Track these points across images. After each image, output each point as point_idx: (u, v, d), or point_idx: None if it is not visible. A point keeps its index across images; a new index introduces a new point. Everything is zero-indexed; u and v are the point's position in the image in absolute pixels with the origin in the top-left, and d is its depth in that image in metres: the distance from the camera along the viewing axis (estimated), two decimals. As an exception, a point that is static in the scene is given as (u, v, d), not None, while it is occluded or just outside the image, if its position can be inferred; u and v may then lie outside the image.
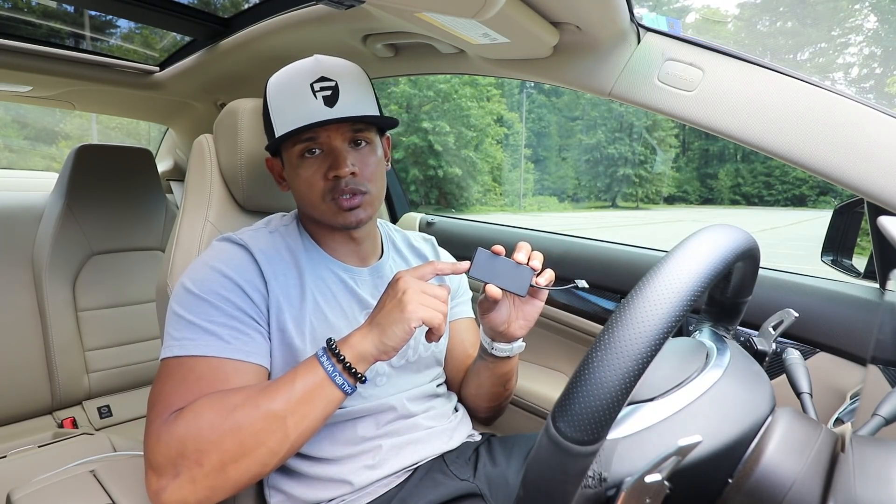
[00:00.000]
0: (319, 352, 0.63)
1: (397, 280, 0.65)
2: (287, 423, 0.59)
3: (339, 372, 0.61)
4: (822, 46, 37.40)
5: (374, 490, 0.74)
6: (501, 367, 0.82)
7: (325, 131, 0.73)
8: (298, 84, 0.73)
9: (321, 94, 0.72)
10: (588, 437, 0.35)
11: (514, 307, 0.74)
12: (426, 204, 18.25)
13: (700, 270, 0.39)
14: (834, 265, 1.03)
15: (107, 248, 1.65)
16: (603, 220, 19.76)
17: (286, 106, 0.74)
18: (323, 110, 0.72)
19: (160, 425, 0.60)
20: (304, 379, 0.61)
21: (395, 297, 0.63)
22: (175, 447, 0.58)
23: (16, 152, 9.92)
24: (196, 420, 0.59)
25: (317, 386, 0.61)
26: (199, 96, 1.69)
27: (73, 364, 1.56)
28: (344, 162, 0.72)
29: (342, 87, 0.73)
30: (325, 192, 0.74)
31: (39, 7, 1.36)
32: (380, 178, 0.79)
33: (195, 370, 0.64)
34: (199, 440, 0.58)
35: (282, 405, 0.59)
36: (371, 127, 0.77)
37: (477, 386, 0.88)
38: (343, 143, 0.74)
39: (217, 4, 1.37)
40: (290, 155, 0.76)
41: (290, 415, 0.59)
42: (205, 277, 0.69)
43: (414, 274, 0.65)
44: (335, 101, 0.72)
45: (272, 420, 0.59)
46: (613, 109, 27.32)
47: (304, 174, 0.75)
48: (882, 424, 0.48)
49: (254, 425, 0.58)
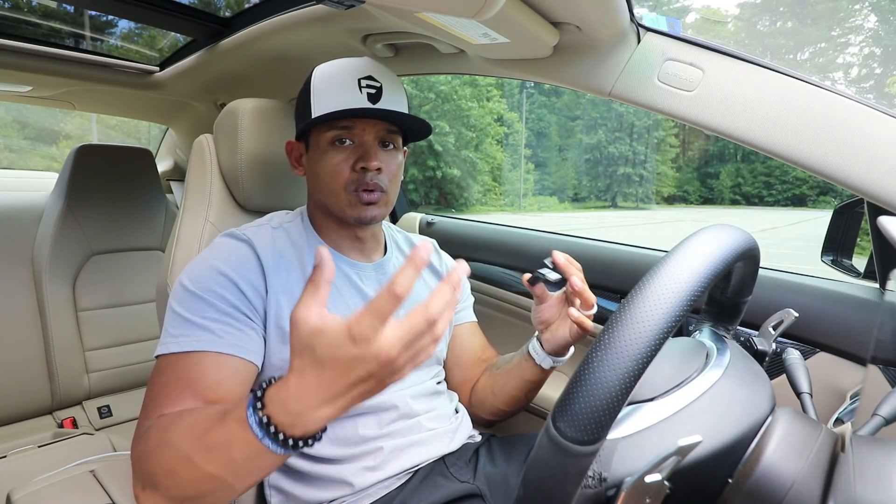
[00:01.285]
0: (256, 430, 0.46)
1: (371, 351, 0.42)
2: (232, 484, 0.51)
3: (290, 448, 0.47)
4: (822, 46, 37.41)
5: (375, 492, 0.74)
6: (531, 373, 0.82)
7: (361, 123, 0.76)
8: (347, 76, 0.76)
9: (366, 90, 0.75)
10: (588, 437, 0.35)
11: (559, 319, 0.78)
12: (426, 204, 18.25)
13: (700, 270, 0.39)
14: (834, 265, 1.03)
15: (107, 248, 1.65)
16: (603, 220, 19.76)
17: (331, 92, 0.76)
18: (365, 104, 0.75)
19: (140, 429, 0.61)
20: (244, 452, 0.48)
21: (377, 374, 0.44)
22: (139, 461, 0.57)
23: (16, 152, 9.93)
24: (147, 445, 0.56)
25: (259, 457, 0.48)
26: (199, 96, 1.69)
27: (73, 364, 1.56)
28: (375, 156, 0.75)
29: (386, 90, 0.77)
30: (348, 182, 0.76)
31: (39, 7, 1.36)
32: (398, 182, 0.82)
33: (177, 369, 0.64)
34: (149, 465, 0.55)
35: (221, 471, 0.50)
36: (399, 134, 0.80)
37: (503, 384, 0.87)
38: (374, 139, 0.77)
39: (217, 4, 1.37)
40: (319, 140, 0.77)
41: (233, 478, 0.50)
42: (202, 275, 0.70)
43: (396, 339, 0.43)
44: (378, 100, 0.76)
45: (213, 481, 0.50)
46: (614, 109, 27.33)
47: (331, 161, 0.76)
48: (882, 424, 0.48)
49: (195, 482, 0.51)
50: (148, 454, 0.55)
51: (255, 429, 0.46)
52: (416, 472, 0.78)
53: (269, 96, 1.01)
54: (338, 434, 0.75)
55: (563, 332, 0.77)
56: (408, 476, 0.77)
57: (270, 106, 0.95)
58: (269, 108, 0.95)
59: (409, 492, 0.75)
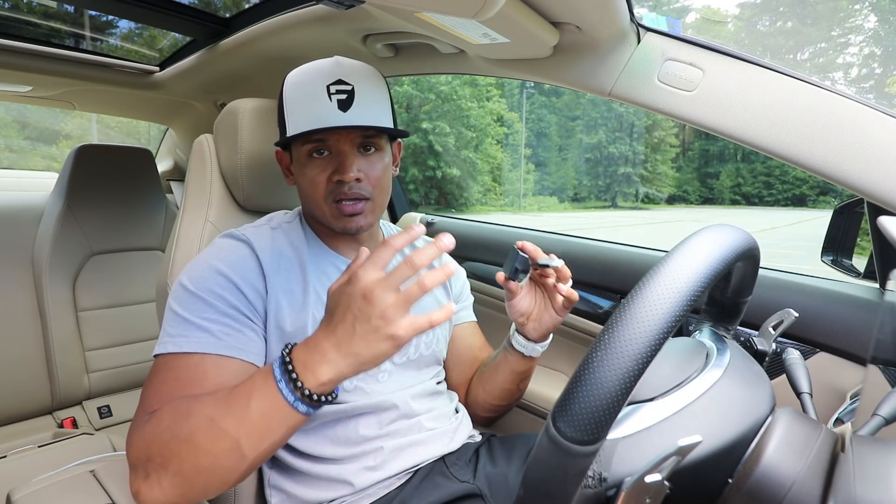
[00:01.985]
0: (276, 370, 0.53)
1: (355, 282, 0.51)
2: (242, 445, 0.53)
3: (301, 400, 0.53)
4: (822, 46, 37.41)
5: (375, 492, 0.74)
6: (518, 364, 0.85)
7: (334, 135, 0.73)
8: (315, 84, 0.73)
9: (336, 97, 0.72)
10: (588, 437, 0.35)
11: (536, 306, 0.81)
12: (426, 204, 18.26)
13: (700, 270, 0.39)
14: (834, 265, 1.03)
15: (107, 248, 1.65)
16: (603, 220, 19.76)
17: (300, 105, 0.74)
18: (335, 114, 0.72)
19: (135, 426, 0.61)
20: (260, 400, 0.53)
21: (364, 312, 0.50)
22: (143, 450, 0.57)
23: (16, 152, 9.93)
24: (158, 425, 0.57)
25: (274, 409, 0.53)
26: (199, 96, 1.69)
27: (73, 364, 1.56)
28: (350, 167, 0.73)
29: (358, 93, 0.73)
30: (327, 193, 0.75)
31: (40, 7, 1.36)
32: (385, 185, 0.79)
33: (175, 370, 0.64)
34: (160, 445, 0.56)
35: (235, 426, 0.53)
36: (382, 133, 0.77)
37: (493, 381, 0.89)
38: (352, 147, 0.74)
39: (217, 4, 1.37)
40: (298, 152, 0.76)
41: (244, 437, 0.53)
42: (201, 275, 0.69)
43: (374, 268, 0.51)
44: (349, 106, 0.72)
45: (226, 440, 0.53)
46: (614, 109, 27.33)
47: (309, 173, 0.75)
48: (882, 424, 0.48)
49: (207, 443, 0.53)
50: (160, 433, 0.56)
51: (276, 372, 0.53)
52: (417, 472, 0.78)
53: (270, 96, 1.01)
54: (338, 434, 0.75)
55: (548, 315, 0.80)
56: (408, 476, 0.77)
57: (270, 106, 0.95)
58: (269, 108, 0.95)
59: (410, 492, 0.75)
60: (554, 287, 0.77)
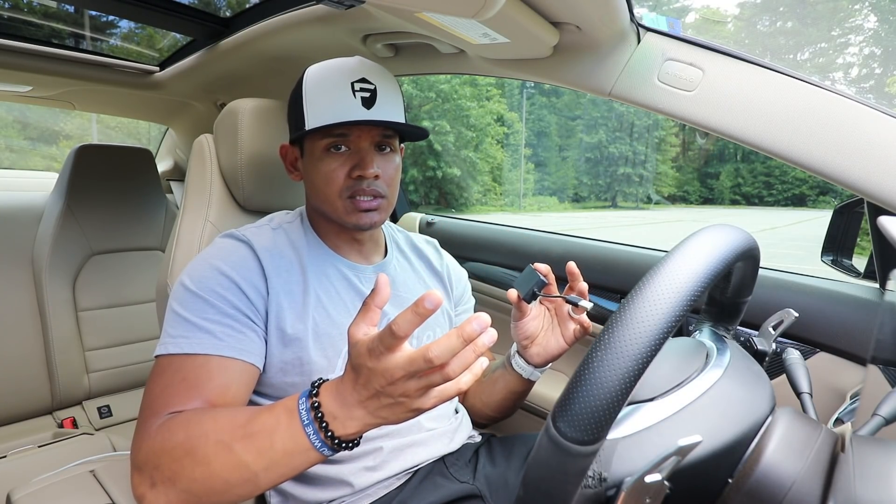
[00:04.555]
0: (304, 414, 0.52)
1: (374, 363, 0.47)
2: (259, 477, 0.53)
3: (327, 446, 0.52)
4: (822, 46, 37.41)
5: (375, 492, 0.74)
6: (517, 385, 0.82)
7: (357, 130, 0.74)
8: (339, 80, 0.74)
9: (360, 94, 0.73)
10: (588, 437, 0.35)
11: (543, 330, 0.77)
12: (426, 204, 18.24)
13: (700, 270, 0.39)
14: (834, 265, 1.03)
15: (107, 248, 1.65)
16: (604, 220, 19.76)
17: (323, 98, 0.74)
18: (360, 110, 0.73)
19: (145, 429, 0.60)
20: (285, 441, 0.52)
21: (386, 391, 0.48)
22: (152, 458, 0.57)
23: (16, 152, 9.92)
24: (170, 439, 0.57)
25: (298, 451, 0.52)
26: (199, 96, 1.69)
27: (73, 364, 1.56)
28: (371, 163, 0.74)
29: (380, 92, 0.75)
30: (343, 189, 0.75)
31: (40, 7, 1.36)
32: (397, 185, 0.81)
33: (181, 371, 0.64)
34: (171, 460, 0.55)
35: (255, 459, 0.53)
36: (396, 135, 0.79)
37: (490, 394, 0.87)
38: (370, 145, 0.76)
39: (217, 4, 1.37)
40: (314, 147, 0.76)
41: (262, 471, 0.53)
42: (203, 275, 0.69)
43: (376, 357, 0.47)
44: (372, 104, 0.74)
45: (244, 471, 0.53)
46: (614, 109, 27.32)
47: (325, 168, 0.75)
48: (882, 424, 0.48)
49: (225, 472, 0.53)
50: (172, 448, 0.55)
51: (303, 415, 0.52)
52: (416, 473, 0.78)
53: (269, 96, 1.01)
54: (338, 434, 0.74)
55: (554, 342, 0.76)
56: (407, 476, 0.77)
57: (270, 106, 0.95)
58: (269, 108, 0.95)
59: (409, 492, 0.75)
60: (569, 316, 0.75)
